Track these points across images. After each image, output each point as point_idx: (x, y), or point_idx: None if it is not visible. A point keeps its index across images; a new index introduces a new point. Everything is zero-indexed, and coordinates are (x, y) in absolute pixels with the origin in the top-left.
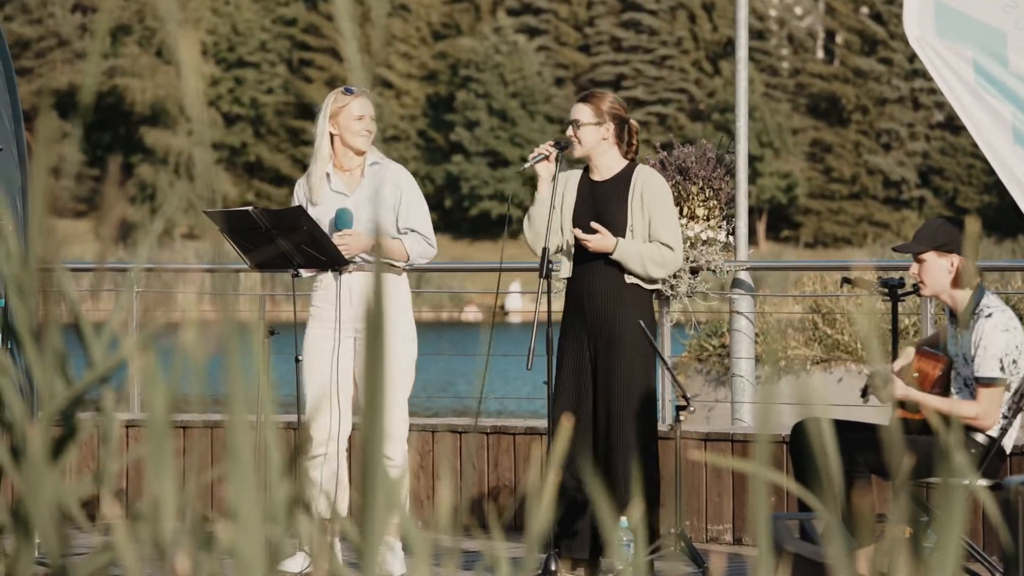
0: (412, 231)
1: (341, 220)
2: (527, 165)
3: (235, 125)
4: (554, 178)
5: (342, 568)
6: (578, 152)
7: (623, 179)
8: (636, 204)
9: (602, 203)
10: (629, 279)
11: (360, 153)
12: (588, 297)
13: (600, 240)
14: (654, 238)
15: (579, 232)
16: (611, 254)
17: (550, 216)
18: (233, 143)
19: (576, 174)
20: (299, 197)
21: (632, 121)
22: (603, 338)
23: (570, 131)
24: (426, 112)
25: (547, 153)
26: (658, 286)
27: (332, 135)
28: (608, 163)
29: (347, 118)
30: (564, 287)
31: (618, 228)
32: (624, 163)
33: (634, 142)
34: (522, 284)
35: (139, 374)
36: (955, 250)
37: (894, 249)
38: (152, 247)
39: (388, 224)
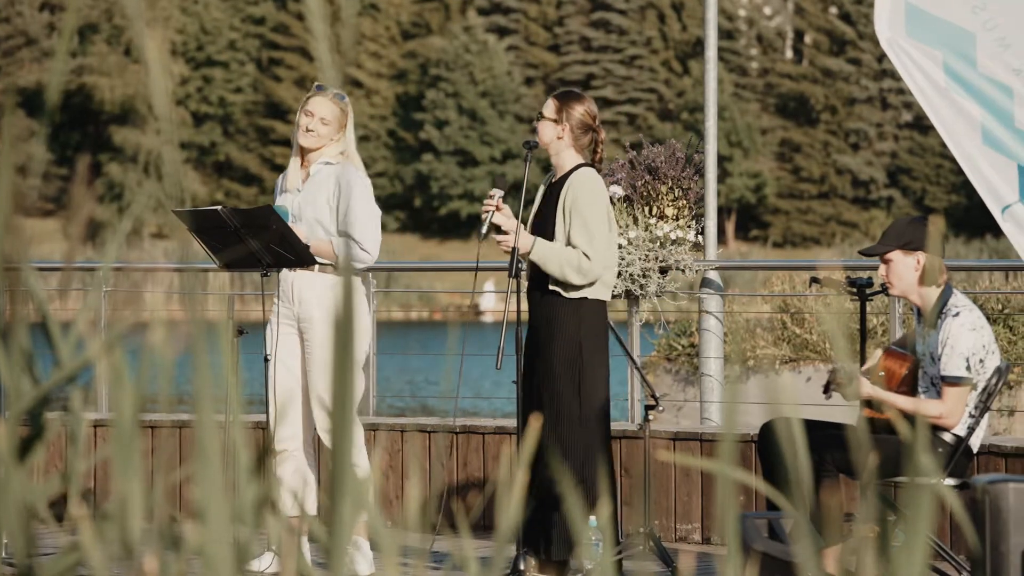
0: (346, 234)
1: None
2: (484, 230)
3: (204, 124)
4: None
5: (309, 567)
6: (541, 142)
7: (563, 181)
8: (561, 207)
9: (544, 204)
10: (551, 286)
11: (306, 150)
12: (532, 301)
13: (514, 241)
14: (572, 243)
15: (496, 236)
16: (528, 254)
17: (520, 216)
18: (202, 142)
19: (551, 176)
20: (276, 187)
21: (601, 132)
22: (538, 341)
23: (535, 123)
24: (396, 111)
25: (493, 206)
26: (586, 293)
27: None
28: (561, 163)
29: (299, 114)
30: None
31: (550, 229)
32: (574, 164)
33: (598, 151)
34: (495, 283)
35: (107, 374)
36: (920, 248)
37: (860, 253)
38: (120, 246)
39: (327, 223)
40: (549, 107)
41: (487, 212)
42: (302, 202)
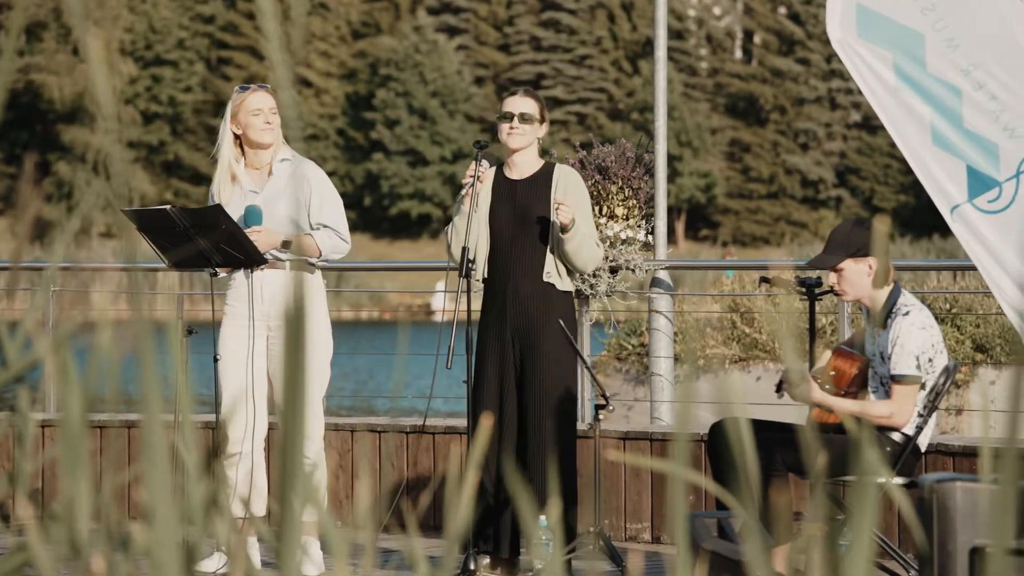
0: (324, 226)
1: (250, 217)
2: (465, 195)
3: (153, 123)
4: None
5: (257, 570)
6: (516, 143)
7: (543, 178)
8: (558, 201)
9: (522, 201)
10: (547, 277)
11: (266, 147)
12: (512, 297)
13: (569, 211)
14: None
15: (559, 198)
16: (567, 231)
17: (470, 216)
18: (151, 141)
19: (490, 173)
20: (213, 197)
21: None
22: (527, 339)
23: (515, 122)
24: (345, 111)
25: (475, 178)
26: (571, 287)
27: (236, 135)
28: (528, 161)
29: (245, 115)
30: (481, 287)
31: (541, 227)
32: (541, 162)
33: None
34: (447, 283)
35: (55, 373)
36: (869, 252)
37: (809, 265)
38: (68, 245)
39: (301, 220)
40: (533, 107)
41: (469, 181)
42: (266, 201)
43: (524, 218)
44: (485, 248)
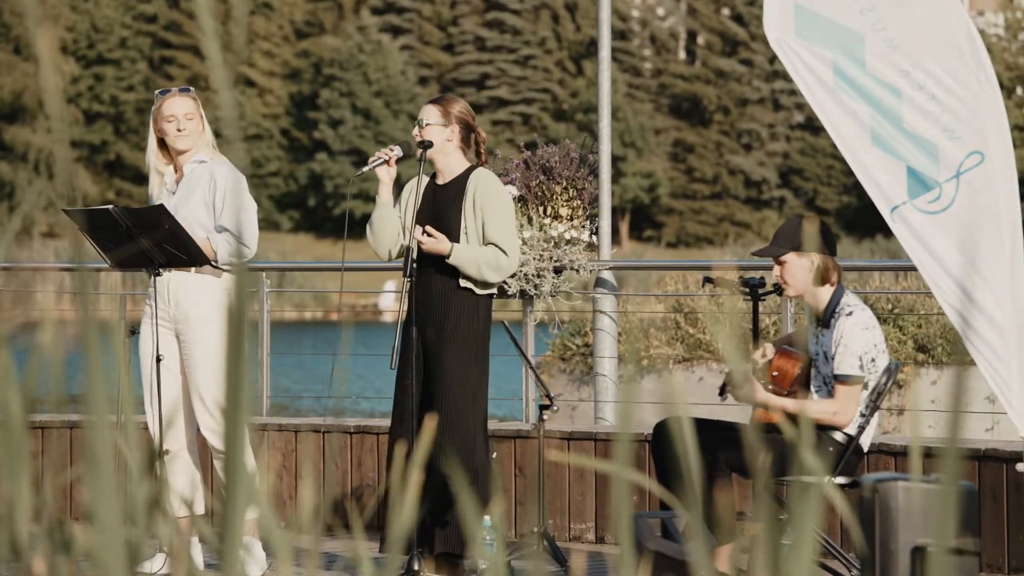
0: (224, 230)
1: None
2: (366, 168)
3: (95, 123)
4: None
5: (200, 570)
6: (429, 153)
7: (461, 182)
8: (469, 206)
9: (441, 206)
10: (463, 283)
11: (181, 152)
12: (423, 299)
13: (435, 244)
14: (488, 241)
15: (417, 233)
16: (447, 258)
17: (404, 216)
18: (93, 141)
19: (425, 179)
20: (151, 198)
21: (480, 131)
22: (431, 340)
23: (416, 131)
24: (289, 111)
25: (386, 157)
26: (492, 290)
27: (160, 139)
28: (450, 166)
29: (161, 120)
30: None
31: (453, 231)
32: (466, 166)
33: (481, 152)
34: (397, 284)
35: None
36: (813, 248)
37: (753, 254)
38: (10, 245)
39: (205, 221)
40: (432, 113)
41: (377, 159)
42: (178, 203)
43: (440, 222)
44: (412, 251)
